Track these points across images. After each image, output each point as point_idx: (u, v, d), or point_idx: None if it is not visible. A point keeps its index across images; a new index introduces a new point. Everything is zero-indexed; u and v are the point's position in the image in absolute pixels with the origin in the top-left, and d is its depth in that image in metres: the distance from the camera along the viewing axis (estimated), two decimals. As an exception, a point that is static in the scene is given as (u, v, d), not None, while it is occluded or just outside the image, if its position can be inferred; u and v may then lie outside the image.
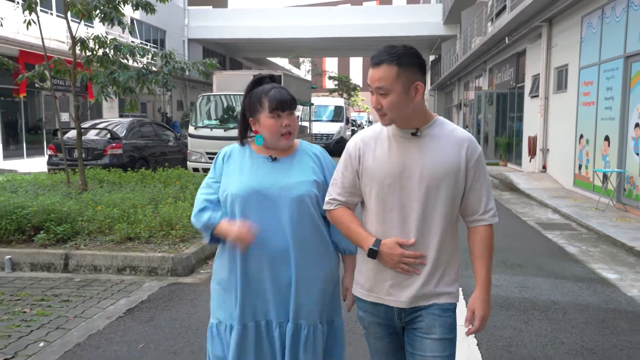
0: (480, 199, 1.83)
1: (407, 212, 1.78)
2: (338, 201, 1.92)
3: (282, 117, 1.97)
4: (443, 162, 1.77)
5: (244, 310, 1.97)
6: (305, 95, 14.69)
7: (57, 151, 10.62)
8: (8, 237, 5.33)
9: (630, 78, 8.43)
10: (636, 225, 7.25)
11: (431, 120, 1.83)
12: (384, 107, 1.75)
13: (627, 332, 3.75)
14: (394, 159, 1.80)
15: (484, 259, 1.81)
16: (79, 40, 7.58)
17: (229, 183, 2.00)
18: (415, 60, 1.75)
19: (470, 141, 1.82)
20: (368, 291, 1.88)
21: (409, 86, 1.73)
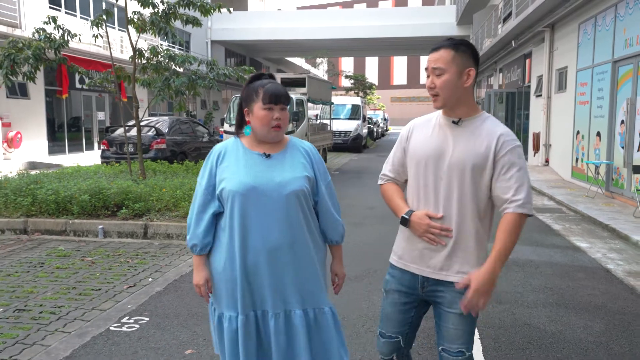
0: (508, 189, 1.90)
1: (437, 191, 1.96)
2: (387, 177, 2.16)
3: (274, 110, 2.03)
4: (471, 152, 1.92)
5: (245, 301, 2.06)
6: (326, 95, 15.93)
7: (109, 146, 12.01)
8: (97, 212, 6.67)
9: (617, 80, 9.53)
10: (617, 209, 8.37)
11: (476, 114, 1.98)
12: (437, 86, 1.92)
13: (582, 279, 4.94)
14: (433, 142, 1.99)
15: (499, 239, 1.89)
16: (138, 51, 8.90)
17: (226, 179, 2.05)
18: (470, 50, 1.94)
19: (505, 135, 1.93)
20: (399, 257, 2.09)
21: (463, 70, 1.91)
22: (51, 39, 8.02)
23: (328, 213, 2.17)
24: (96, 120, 21.28)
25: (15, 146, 16.34)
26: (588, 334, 3.65)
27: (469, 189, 1.92)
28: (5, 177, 7.92)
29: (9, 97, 16.36)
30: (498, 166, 1.91)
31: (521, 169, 1.91)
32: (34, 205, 6.74)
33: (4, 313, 3.86)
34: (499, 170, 1.91)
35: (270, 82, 2.10)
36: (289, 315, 2.07)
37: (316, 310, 2.10)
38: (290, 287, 2.06)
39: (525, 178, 1.91)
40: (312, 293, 2.09)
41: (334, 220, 2.18)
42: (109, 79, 9.18)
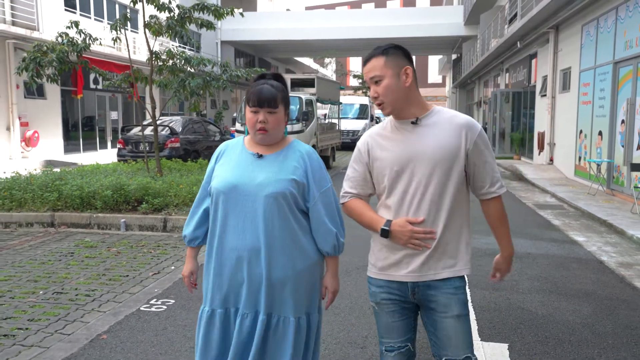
0: (485, 175, 1.95)
1: (415, 193, 1.92)
2: (350, 194, 2.07)
3: (259, 113, 2.01)
4: (443, 146, 1.89)
5: (214, 296, 2.06)
6: (334, 95, 16.30)
7: (125, 145, 12.45)
8: (119, 207, 7.08)
9: (618, 81, 9.81)
10: (617, 205, 8.66)
11: (429, 109, 1.97)
12: (380, 94, 1.92)
13: (576, 270, 5.27)
14: (399, 147, 1.94)
15: (500, 227, 2.01)
16: (154, 53, 9.30)
17: (216, 178, 2.08)
18: (400, 51, 1.95)
19: (469, 123, 1.93)
20: (380, 270, 2.01)
21: (399, 71, 1.91)
22: (74, 42, 8.43)
23: (319, 221, 2.08)
24: (109, 120, 21.77)
25: (33, 145, 16.83)
26: (576, 317, 3.98)
27: (448, 183, 1.91)
28: (31, 174, 8.35)
29: (26, 97, 16.87)
30: (471, 156, 1.92)
31: (490, 153, 1.96)
32: (60, 200, 7.15)
33: (45, 295, 4.25)
34: (473, 160, 1.93)
35: (265, 83, 2.05)
36: (256, 318, 2.04)
37: (280, 318, 2.04)
38: (261, 290, 2.02)
39: (494, 160, 1.98)
40: (282, 300, 2.03)
41: (325, 229, 2.08)
42: (127, 81, 9.59)
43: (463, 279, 1.97)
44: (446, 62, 43.01)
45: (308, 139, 12.87)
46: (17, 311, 3.90)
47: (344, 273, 4.98)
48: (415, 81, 1.96)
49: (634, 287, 4.74)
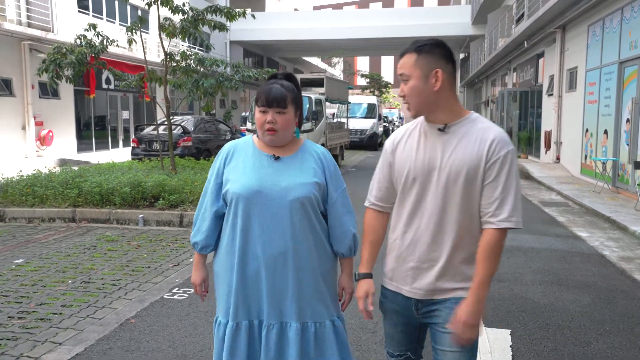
0: (492, 199, 1.74)
1: (426, 208, 1.80)
2: (370, 201, 1.99)
3: (268, 114, 1.96)
4: (464, 161, 1.74)
5: (237, 309, 1.98)
6: (343, 95, 16.52)
7: (139, 143, 12.75)
8: (136, 203, 7.35)
9: (623, 80, 9.96)
10: (621, 203, 8.82)
11: (463, 116, 1.80)
12: (406, 94, 1.80)
13: (578, 263, 5.47)
14: (420, 154, 1.81)
15: (480, 263, 1.74)
16: (169, 55, 9.57)
17: (232, 181, 2.00)
18: (437, 50, 1.77)
19: (498, 138, 1.75)
20: (389, 279, 1.94)
21: (428, 73, 1.74)
22: (92, 44, 8.72)
23: (337, 222, 2.07)
24: (121, 119, 22.13)
25: (47, 144, 17.20)
26: (576, 306, 4.19)
27: (461, 202, 1.76)
28: (51, 172, 8.64)
29: (41, 97, 17.23)
30: (488, 171, 1.73)
31: (510, 177, 1.73)
32: (80, 197, 7.44)
33: (73, 284, 4.52)
34: (488, 176, 1.74)
35: (275, 82, 2.01)
36: (284, 328, 1.99)
37: (317, 324, 2.01)
38: (288, 299, 1.97)
39: (512, 187, 1.73)
40: (312, 306, 2.00)
41: (342, 231, 2.07)
42: (141, 81, 9.87)
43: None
44: (454, 61, 42.95)
45: (317, 138, 13.11)
46: (50, 298, 4.17)
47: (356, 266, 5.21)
48: (449, 84, 1.78)
49: (634, 279, 4.93)
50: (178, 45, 10.58)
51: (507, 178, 1.73)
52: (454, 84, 1.83)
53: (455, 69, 1.81)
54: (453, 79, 1.81)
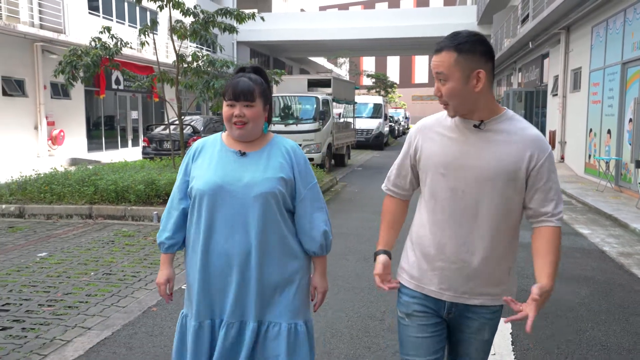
0: (549, 201, 1.72)
1: (457, 205, 1.73)
2: (386, 187, 1.96)
3: (235, 107, 1.91)
4: (502, 160, 1.67)
5: (200, 308, 1.94)
6: (349, 95, 16.74)
7: (149, 143, 13.02)
8: (150, 200, 7.60)
9: (626, 81, 10.12)
10: (623, 201, 9.00)
11: (499, 113, 1.72)
12: (443, 94, 1.69)
13: (578, 258, 5.66)
14: (452, 149, 1.73)
15: (550, 254, 1.70)
16: (180, 56, 9.81)
17: (196, 178, 1.96)
18: (478, 47, 1.66)
19: (539, 141, 1.70)
20: (413, 278, 1.84)
21: (469, 74, 1.64)
22: (106, 46, 8.97)
23: (306, 220, 1.99)
24: (130, 119, 22.44)
25: (59, 143, 17.52)
26: (574, 297, 4.39)
27: (499, 203, 1.69)
28: (67, 170, 8.91)
29: (52, 98, 17.56)
30: (536, 176, 1.69)
31: (556, 176, 1.73)
32: (96, 194, 7.69)
33: (96, 276, 4.77)
34: (537, 180, 1.69)
35: (242, 76, 1.96)
36: (243, 327, 1.94)
37: (271, 324, 1.95)
38: (251, 297, 1.92)
39: (558, 187, 1.75)
40: (272, 306, 1.95)
41: (312, 228, 1.99)
42: (154, 82, 10.12)
43: (502, 306, 1.80)
44: (459, 61, 43.10)
45: (324, 138, 13.33)
46: (75, 288, 4.42)
47: (362, 260, 5.43)
48: (489, 84, 1.69)
49: (631, 273, 5.13)
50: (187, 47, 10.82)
51: (554, 179, 1.72)
52: (493, 82, 1.74)
53: (494, 67, 1.72)
54: (493, 77, 1.72)
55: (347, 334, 3.59)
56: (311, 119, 13.03)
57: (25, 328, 3.56)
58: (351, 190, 10.56)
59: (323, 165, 13.02)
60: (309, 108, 13.23)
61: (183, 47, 9.86)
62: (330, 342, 3.45)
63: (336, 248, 5.86)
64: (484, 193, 1.70)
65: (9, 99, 15.78)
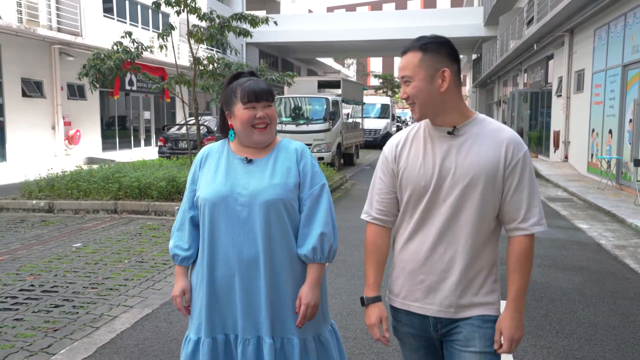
0: (519, 204, 1.64)
1: (438, 217, 1.68)
2: (371, 216, 1.82)
3: (257, 109, 1.84)
4: (480, 163, 1.64)
5: (212, 322, 1.86)
6: (358, 96, 17.18)
7: (165, 142, 13.50)
8: (172, 196, 8.05)
9: (626, 82, 10.47)
10: (623, 199, 9.35)
11: (470, 117, 1.70)
12: (409, 95, 1.67)
13: (575, 250, 6.04)
14: (429, 160, 1.69)
15: (516, 273, 1.67)
16: (197, 59, 10.26)
17: (202, 187, 1.90)
18: (444, 49, 1.66)
19: (514, 140, 1.66)
20: (400, 298, 1.78)
21: (434, 73, 1.63)
22: (127, 50, 9.44)
23: (305, 221, 1.89)
24: (143, 119, 22.96)
25: (75, 143, 18.05)
26: (569, 284, 4.79)
27: (478, 208, 1.65)
28: (91, 168, 9.38)
29: (69, 99, 18.10)
30: (509, 176, 1.64)
31: (532, 179, 1.66)
32: (120, 191, 8.16)
33: (130, 263, 5.22)
34: (511, 180, 1.64)
35: (249, 79, 1.90)
36: (260, 344, 1.85)
37: (284, 340, 1.87)
38: (262, 311, 1.84)
39: (535, 189, 1.66)
40: (282, 319, 1.87)
41: (308, 230, 1.88)
42: (172, 84, 10.58)
43: (493, 316, 1.71)
44: (466, 61, 43.49)
45: (334, 138, 13.75)
46: (113, 273, 4.87)
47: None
48: (455, 85, 1.67)
49: (624, 263, 5.51)
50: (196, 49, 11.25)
51: (530, 180, 1.65)
52: (460, 85, 1.73)
53: (460, 69, 1.71)
54: (459, 79, 1.71)
55: (360, 313, 4.00)
56: (321, 119, 13.46)
57: (75, 306, 4.01)
58: (360, 188, 10.99)
59: (333, 164, 13.44)
60: (319, 109, 13.65)
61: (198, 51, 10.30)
62: (346, 319, 3.87)
63: (349, 240, 6.30)
64: (465, 199, 1.66)
65: (28, 100, 16.32)
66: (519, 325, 1.66)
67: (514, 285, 1.68)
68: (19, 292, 4.32)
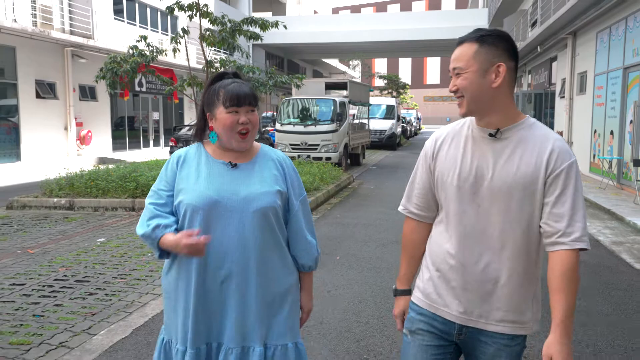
0: (560, 216, 1.52)
1: (474, 221, 1.61)
2: (408, 210, 1.80)
3: (240, 114, 1.77)
4: (519, 171, 1.55)
5: (197, 333, 1.81)
6: (364, 97, 17.50)
7: (176, 142, 13.86)
8: (187, 194, 8.38)
9: (627, 85, 10.74)
10: (623, 198, 9.62)
11: (519, 120, 1.60)
12: (459, 87, 1.58)
13: (574, 245, 6.33)
14: (467, 161, 1.62)
15: (562, 293, 1.51)
16: (209, 62, 10.60)
17: (184, 191, 1.81)
18: (502, 43, 1.56)
19: (559, 147, 1.55)
20: (425, 297, 1.73)
21: (488, 67, 1.54)
22: (143, 54, 9.79)
23: (300, 234, 1.90)
24: (152, 120, 23.34)
25: (86, 143, 18.44)
26: (566, 276, 5.08)
27: (516, 219, 1.56)
28: (108, 168, 9.74)
29: (81, 100, 18.50)
30: (550, 186, 1.54)
31: (577, 191, 1.54)
32: (137, 189, 8.49)
33: (153, 256, 5.54)
34: (551, 191, 1.54)
35: (233, 81, 1.82)
36: (246, 353, 1.82)
37: (278, 347, 1.85)
38: (253, 319, 1.81)
39: (581, 203, 1.55)
40: (277, 326, 1.85)
41: (306, 242, 1.91)
42: (184, 86, 10.93)
43: (522, 336, 1.65)
44: (471, 62, 43.66)
45: (341, 138, 14.07)
46: (138, 265, 5.20)
47: (381, 246, 6.16)
48: (509, 83, 1.58)
49: (620, 258, 5.80)
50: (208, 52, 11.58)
51: (575, 192, 1.54)
52: (514, 84, 1.62)
53: (517, 68, 1.62)
54: (514, 77, 1.61)
55: (371, 301, 4.32)
56: (329, 120, 13.78)
57: (107, 294, 4.35)
58: (367, 187, 11.30)
59: (340, 164, 13.75)
60: (327, 110, 13.97)
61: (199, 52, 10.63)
62: (358, 307, 4.18)
63: (359, 236, 6.62)
64: (502, 208, 1.57)
65: (42, 101, 16.72)
66: (570, 352, 1.48)
67: (560, 305, 1.51)
68: (54, 281, 4.65)
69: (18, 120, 15.76)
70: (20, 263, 5.22)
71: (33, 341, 3.40)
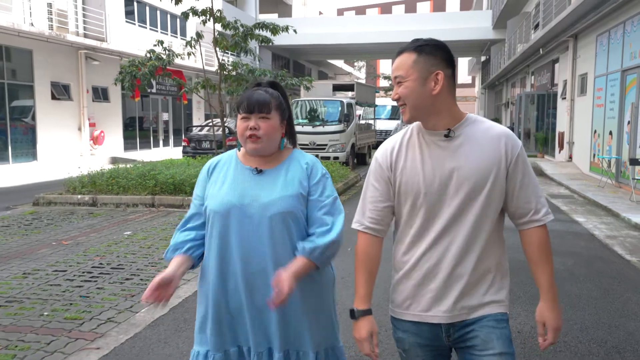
0: (528, 198, 1.65)
1: (442, 220, 1.65)
2: (364, 225, 1.76)
3: (250, 120, 1.82)
4: (481, 164, 1.62)
5: (221, 335, 1.84)
6: (370, 98, 17.94)
7: (189, 142, 14.33)
8: (204, 192, 8.83)
9: (625, 87, 11.12)
10: (620, 196, 10.01)
11: (462, 119, 1.67)
12: (400, 96, 1.65)
13: (570, 239, 6.75)
14: (428, 166, 1.65)
15: (543, 263, 1.68)
16: (222, 65, 11.05)
17: (210, 196, 1.87)
18: (439, 52, 1.63)
19: (508, 136, 1.65)
20: (408, 310, 1.73)
21: (427, 75, 1.61)
22: (160, 57, 10.25)
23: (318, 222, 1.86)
24: (161, 121, 23.85)
25: (99, 143, 18.95)
26: (561, 266, 5.49)
27: (484, 209, 1.64)
28: (127, 166, 10.21)
29: (94, 101, 19.01)
30: (513, 173, 1.65)
31: (532, 172, 1.68)
32: (156, 187, 8.95)
33: (178, 247, 5.99)
34: (515, 177, 1.65)
35: (258, 89, 1.88)
36: (271, 356, 1.85)
37: (299, 353, 1.86)
38: (272, 324, 1.83)
39: (536, 181, 1.68)
40: (297, 332, 1.86)
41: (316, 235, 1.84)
42: (198, 88, 11.40)
43: (505, 314, 1.72)
44: (475, 63, 44.06)
45: (348, 138, 14.51)
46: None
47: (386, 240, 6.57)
48: (448, 89, 1.65)
49: (613, 250, 6.21)
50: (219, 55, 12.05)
51: (531, 173, 1.68)
52: (454, 89, 1.70)
53: (455, 74, 1.69)
54: (453, 83, 1.69)
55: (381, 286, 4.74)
56: (336, 121, 14.22)
57: (142, 279, 4.80)
58: (374, 185, 11.71)
59: (347, 163, 14.19)
60: (334, 111, 14.41)
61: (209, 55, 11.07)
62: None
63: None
64: (470, 201, 1.64)
65: (57, 102, 17.23)
66: (559, 314, 1.67)
67: (544, 275, 1.69)
68: (92, 268, 5.11)
69: (35, 121, 16.27)
70: (57, 253, 5.68)
71: (84, 317, 3.86)
